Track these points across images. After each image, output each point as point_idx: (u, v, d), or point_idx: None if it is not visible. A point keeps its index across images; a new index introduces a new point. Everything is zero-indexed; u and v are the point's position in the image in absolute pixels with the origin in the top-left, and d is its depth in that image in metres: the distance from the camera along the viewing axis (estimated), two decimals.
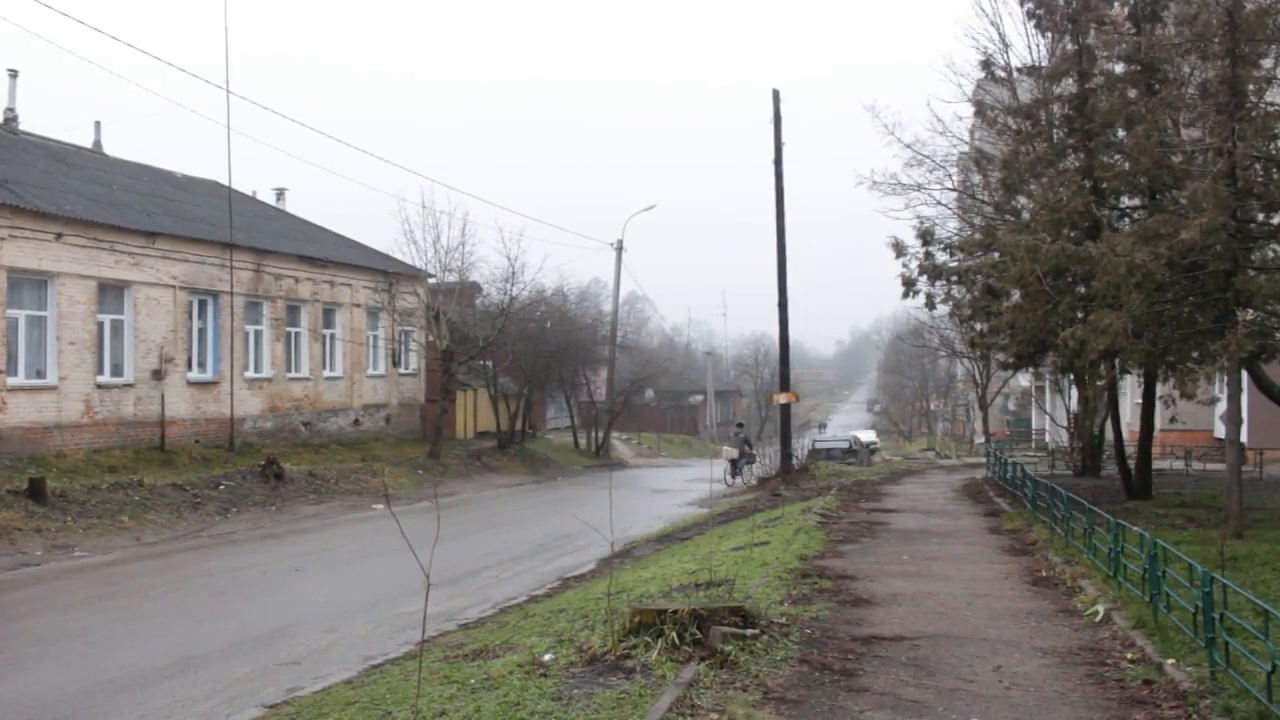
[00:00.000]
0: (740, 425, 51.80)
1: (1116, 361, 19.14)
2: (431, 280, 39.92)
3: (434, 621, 13.00)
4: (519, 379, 46.30)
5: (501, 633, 11.26)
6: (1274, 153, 16.75)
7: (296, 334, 34.56)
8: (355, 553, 19.56)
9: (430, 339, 38.34)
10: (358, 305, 37.57)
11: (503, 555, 19.36)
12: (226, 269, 30.67)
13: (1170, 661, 8.50)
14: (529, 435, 48.10)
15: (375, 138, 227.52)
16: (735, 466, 38.88)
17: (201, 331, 30.40)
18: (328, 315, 36.18)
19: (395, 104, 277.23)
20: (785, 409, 35.14)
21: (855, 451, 48.68)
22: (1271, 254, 17.32)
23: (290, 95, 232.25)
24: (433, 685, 8.46)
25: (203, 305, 30.40)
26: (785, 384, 34.43)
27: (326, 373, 35.83)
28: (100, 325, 26.63)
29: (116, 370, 27.23)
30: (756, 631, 9.39)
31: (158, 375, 28.01)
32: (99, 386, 26.36)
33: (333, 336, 36.41)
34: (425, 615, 7.13)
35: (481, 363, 42.35)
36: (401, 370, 40.28)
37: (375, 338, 38.82)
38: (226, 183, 32.85)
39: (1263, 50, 16.20)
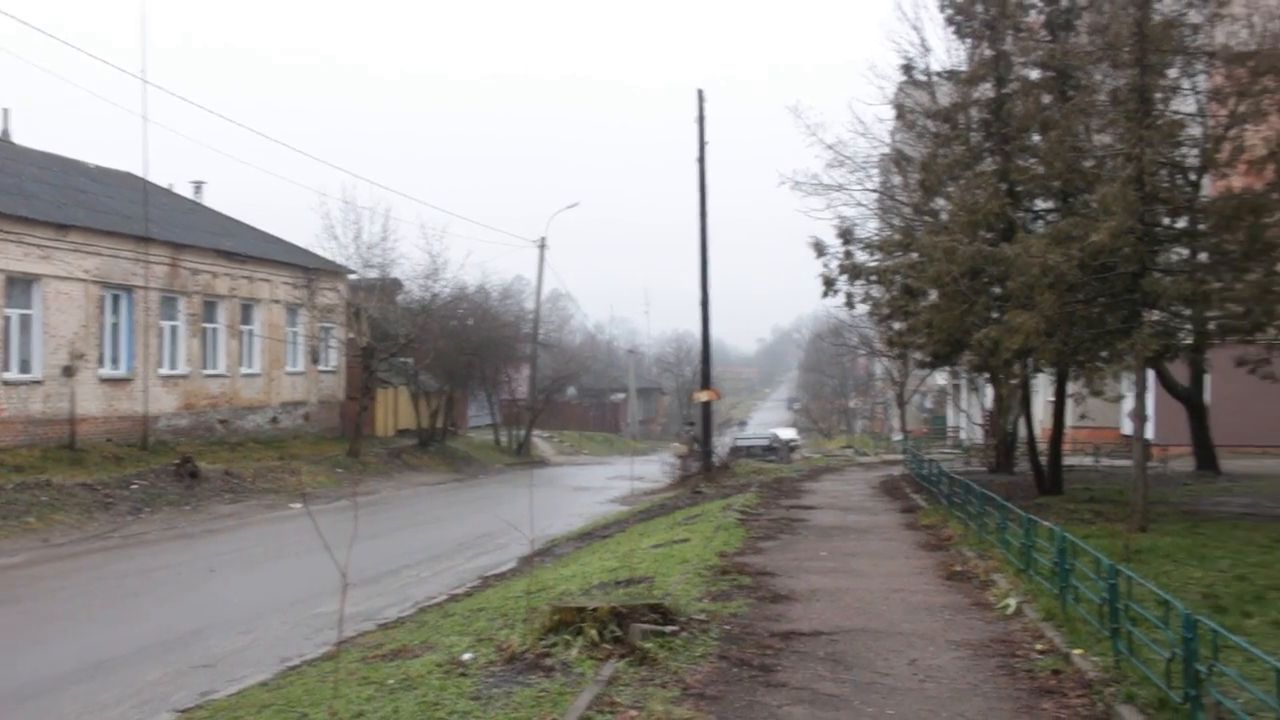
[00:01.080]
0: (691, 424, 52.70)
1: (1029, 360, 19.53)
2: (352, 276, 39.48)
3: (352, 621, 12.86)
4: (440, 377, 45.97)
5: (421, 632, 11.18)
6: (1178, 159, 17.27)
7: (214, 330, 33.91)
8: (272, 552, 19.26)
9: (351, 336, 37.92)
10: (277, 301, 36.98)
11: (423, 554, 19.21)
12: (141, 263, 29.97)
13: (1078, 652, 8.71)
14: (450, 433, 47.77)
15: (296, 128, 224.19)
16: (685, 464, 39.34)
17: (114, 327, 29.67)
18: (246, 311, 35.55)
19: (318, 94, 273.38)
20: (706, 406, 35.34)
21: (775, 449, 49.15)
22: (1176, 257, 17.82)
23: (207, 85, 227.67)
24: (350, 686, 8.37)
25: (116, 300, 29.68)
26: (707, 382, 34.65)
27: (244, 370, 35.21)
28: (7, 320, 25.86)
29: (24, 366, 26.44)
30: (676, 628, 9.43)
31: (68, 372, 27.27)
32: (5, 383, 25.57)
33: (251, 333, 35.78)
34: (342, 615, 7.06)
35: (402, 360, 41.97)
36: (321, 367, 39.73)
37: (295, 334, 38.25)
38: (142, 174, 32.13)
39: (1169, 60, 16.68)
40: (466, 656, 9.04)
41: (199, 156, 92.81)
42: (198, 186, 42.28)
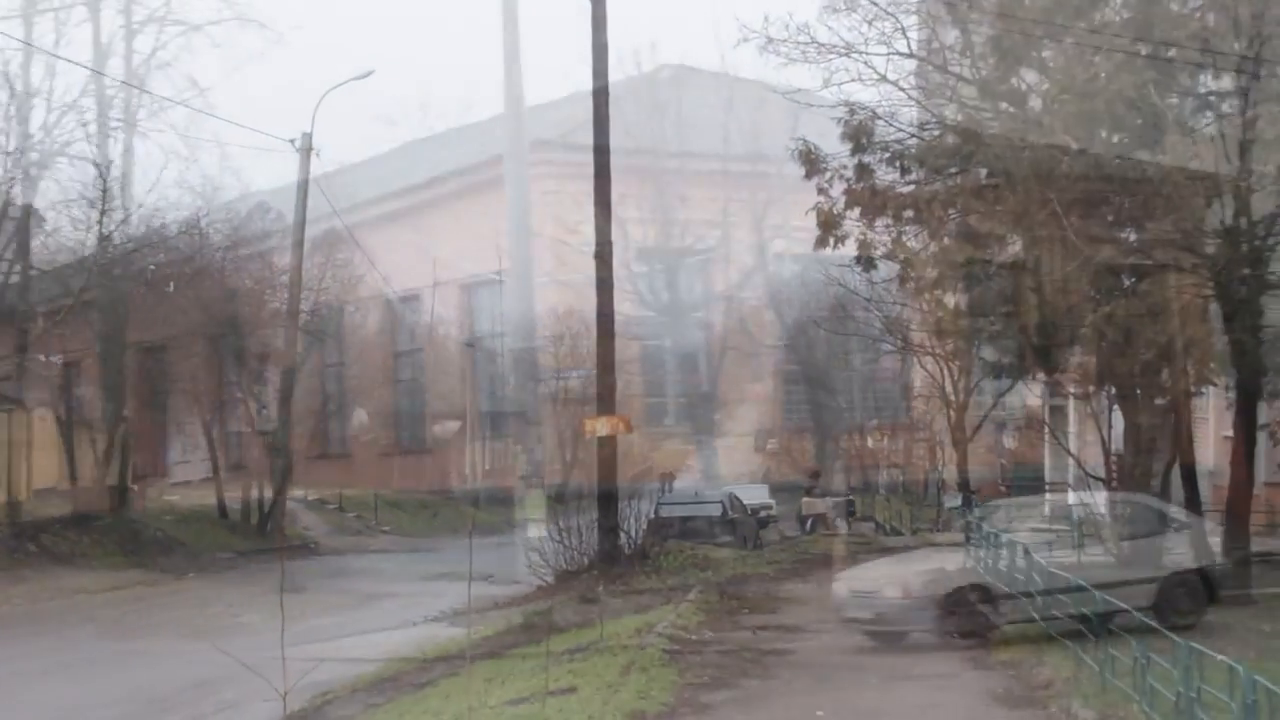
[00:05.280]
0: (817, 474, 54.83)
1: (1189, 362, 19.84)
2: None
3: None
4: (116, 388, 45.31)
5: None
6: None
7: None
8: None
9: None
10: None
11: None
12: None
13: None
14: (133, 494, 47.13)
15: None
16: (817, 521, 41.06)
17: None
18: None
19: None
20: (609, 444, 35.05)
21: (733, 523, 48.92)
22: None
23: None
24: None
25: None
26: (608, 400, 34.39)
27: None
28: None
29: None
30: None
31: None
32: None
33: None
34: None
35: (43, 357, 41.36)
36: None
37: None
38: None
39: None
40: None
41: None
42: None
